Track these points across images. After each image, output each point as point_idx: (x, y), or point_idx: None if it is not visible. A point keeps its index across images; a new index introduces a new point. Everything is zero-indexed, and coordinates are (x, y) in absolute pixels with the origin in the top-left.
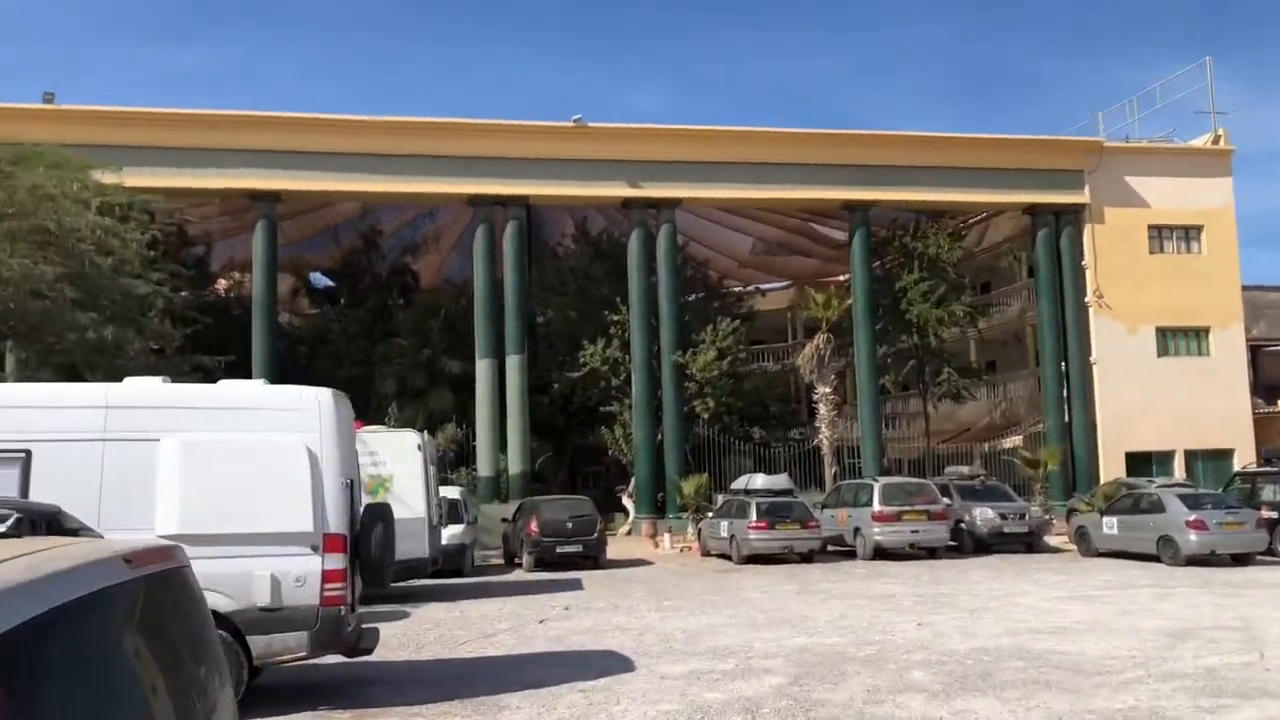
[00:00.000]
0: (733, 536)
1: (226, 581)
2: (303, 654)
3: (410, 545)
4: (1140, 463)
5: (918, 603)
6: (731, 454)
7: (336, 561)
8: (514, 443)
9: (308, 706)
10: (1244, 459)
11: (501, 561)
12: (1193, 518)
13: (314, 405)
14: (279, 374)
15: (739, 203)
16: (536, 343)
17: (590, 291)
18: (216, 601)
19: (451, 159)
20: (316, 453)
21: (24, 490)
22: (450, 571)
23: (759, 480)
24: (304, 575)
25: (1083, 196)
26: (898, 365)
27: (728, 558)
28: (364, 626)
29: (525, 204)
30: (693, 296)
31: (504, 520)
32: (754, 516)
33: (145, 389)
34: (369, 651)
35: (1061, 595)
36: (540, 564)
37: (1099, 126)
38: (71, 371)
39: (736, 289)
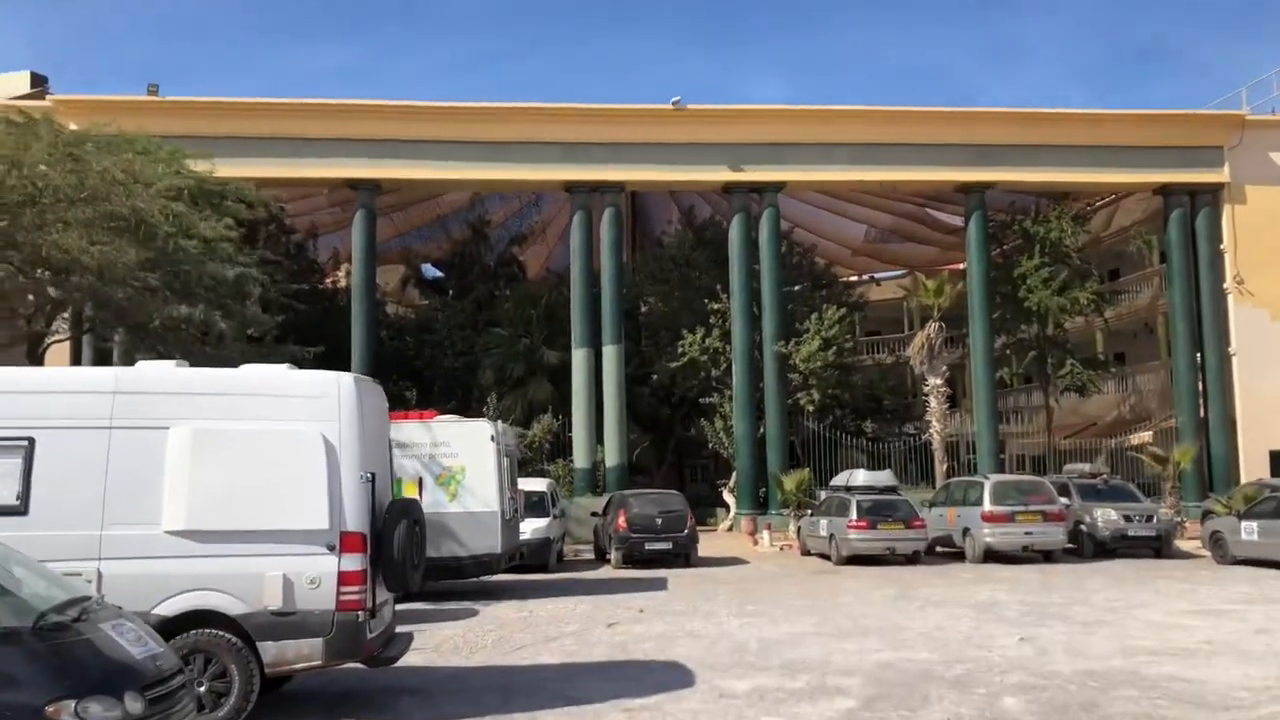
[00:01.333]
0: (832, 536)
1: (235, 582)
2: (317, 662)
3: (482, 540)
4: None
5: (1024, 613)
6: (840, 449)
7: (355, 562)
8: (611, 434)
9: (323, 715)
10: None
11: (592, 556)
12: None
13: (333, 392)
14: (378, 364)
15: (846, 185)
16: (638, 333)
17: (692, 280)
18: (225, 604)
19: (548, 145)
20: (335, 443)
21: (26, 481)
22: (535, 566)
23: (860, 476)
24: (319, 577)
25: (1222, 175)
26: (1018, 356)
27: (827, 558)
28: (397, 632)
29: (622, 189)
30: (798, 287)
31: (594, 514)
32: (854, 515)
33: (155, 372)
34: (393, 660)
35: (1188, 609)
36: (628, 560)
37: (1242, 100)
38: (167, 358)
39: (850, 278)
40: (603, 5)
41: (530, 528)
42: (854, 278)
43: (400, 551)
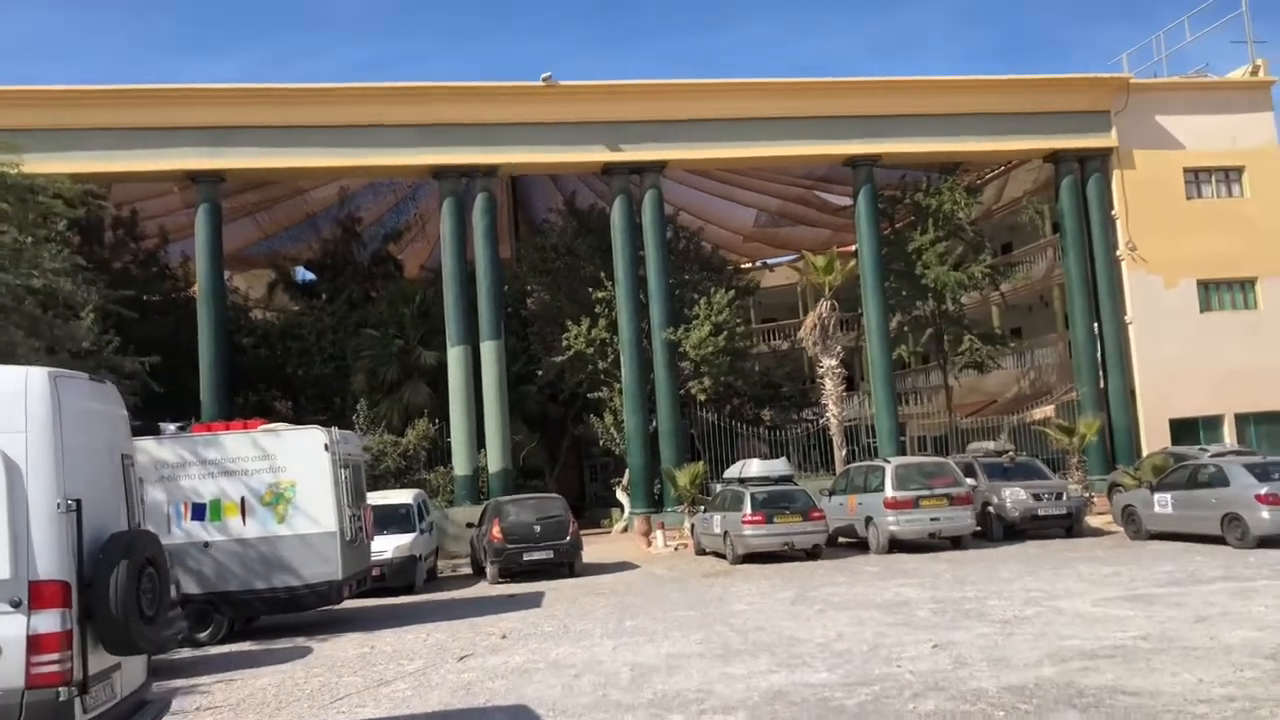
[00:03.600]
0: (726, 533)
1: None
2: None
3: (318, 567)
4: (1185, 430)
5: (936, 612)
6: (738, 439)
7: (51, 621)
8: (493, 437)
9: None
10: None
11: (471, 572)
12: (1264, 491)
13: (17, 391)
14: (238, 374)
15: (730, 163)
16: (524, 328)
17: (576, 269)
18: None
19: (411, 127)
20: (19, 461)
21: None
22: (401, 588)
23: (754, 467)
24: None
25: (1110, 140)
26: (914, 335)
27: (723, 557)
28: (148, 699)
29: (494, 173)
30: (688, 277)
31: (469, 525)
32: (748, 509)
33: None
34: None
35: (1114, 595)
36: (506, 574)
37: (1124, 65)
38: None
39: (742, 265)
40: (507, 5)
41: (392, 545)
42: (746, 264)
43: (119, 603)
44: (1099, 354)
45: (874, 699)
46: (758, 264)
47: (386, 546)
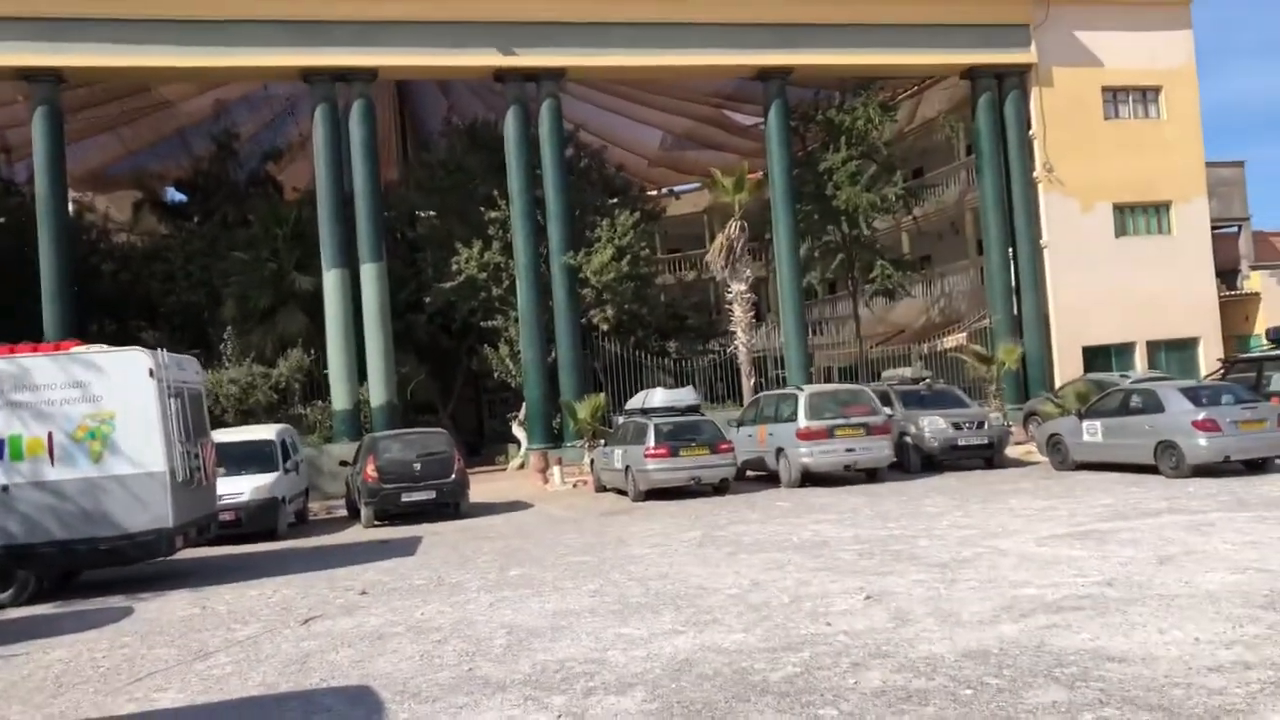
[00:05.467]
0: (628, 468)
1: None
2: None
3: (142, 513)
4: (1097, 358)
5: (862, 554)
6: (644, 371)
7: None
8: (375, 368)
9: None
10: (1210, 348)
11: (346, 514)
12: (1201, 417)
13: None
14: (84, 300)
15: (634, 73)
16: (413, 252)
17: (467, 188)
18: None
19: (278, 23)
20: None
21: None
22: (262, 534)
23: (658, 396)
24: None
25: (1029, 55)
26: (825, 261)
27: (624, 494)
28: None
29: (372, 78)
30: (589, 199)
31: (343, 463)
32: (651, 442)
33: None
34: None
35: (1059, 533)
36: (383, 517)
37: None
38: None
39: (648, 191)
40: None
41: (249, 486)
42: (652, 191)
43: None
44: (1013, 280)
45: (804, 670)
46: (664, 191)
47: (243, 488)
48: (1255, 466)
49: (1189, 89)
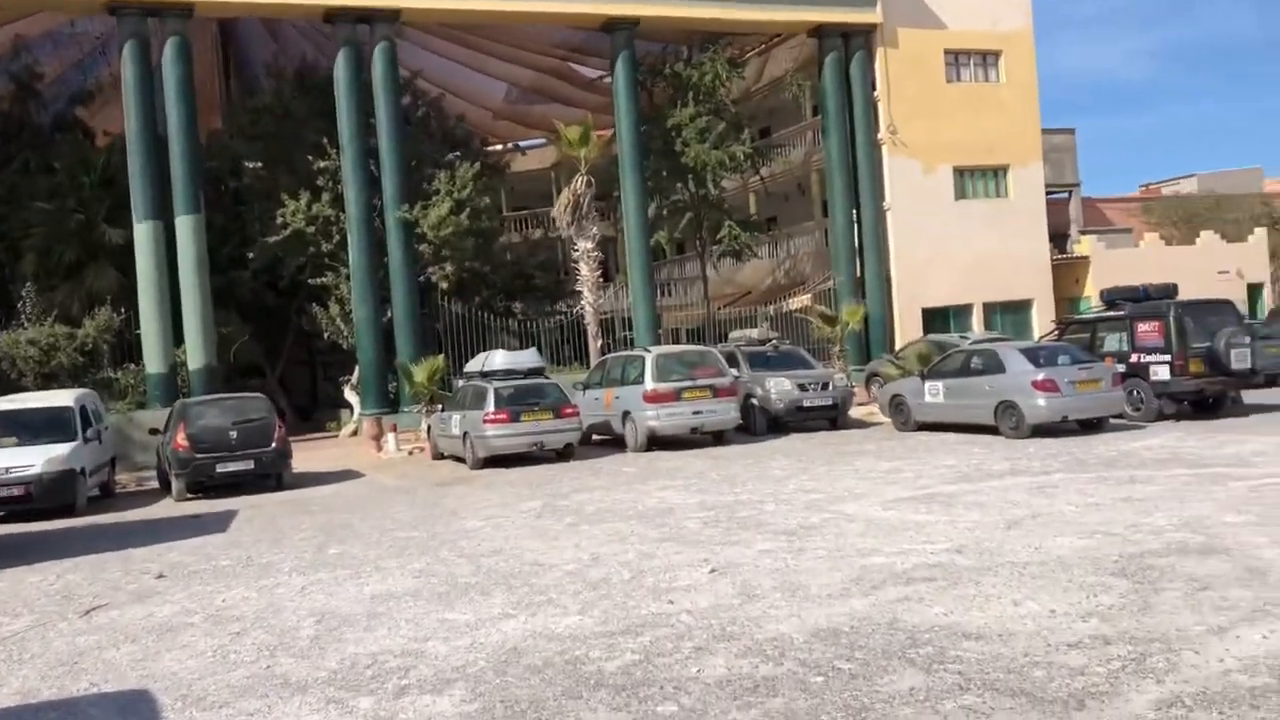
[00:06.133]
0: (465, 434)
1: None
2: None
3: None
4: (936, 319)
5: (708, 522)
6: (488, 333)
7: None
8: (193, 329)
9: None
10: (1043, 310)
11: (159, 487)
12: (1041, 377)
13: None
14: None
15: (474, 17)
16: (236, 205)
17: (295, 135)
18: None
19: None
20: None
21: None
22: (58, 509)
23: (499, 358)
24: None
25: (875, 15)
26: (673, 221)
27: (463, 461)
28: None
29: (188, 13)
30: (428, 149)
31: (154, 432)
32: (491, 406)
33: None
34: None
35: (905, 496)
36: (196, 489)
37: None
38: None
39: (493, 146)
40: None
41: (41, 458)
42: (496, 145)
43: None
44: (857, 241)
45: (643, 657)
46: (509, 146)
47: (34, 460)
48: (1090, 426)
49: (1027, 54)
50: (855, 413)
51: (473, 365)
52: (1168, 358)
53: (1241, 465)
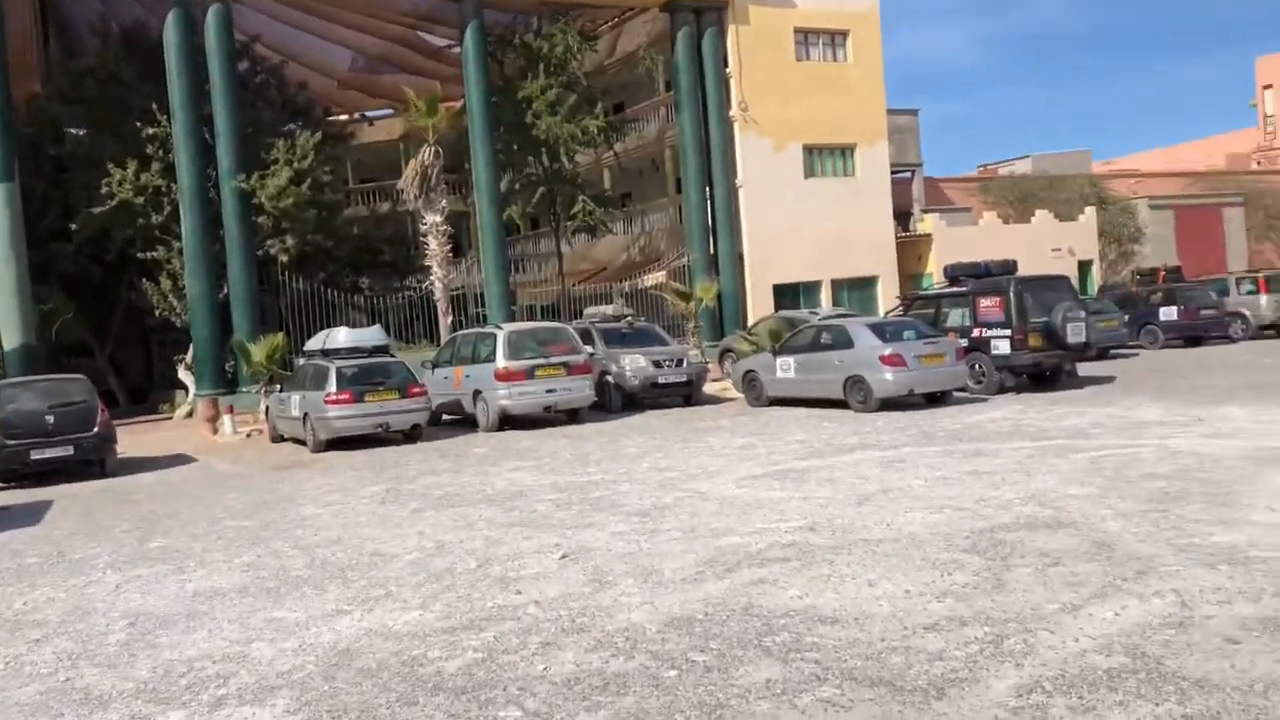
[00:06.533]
0: (305, 415)
1: None
2: None
3: None
4: (787, 295)
5: (560, 504)
6: (334, 310)
7: None
8: (9, 307)
9: None
10: (888, 286)
11: None
12: (888, 352)
13: None
14: None
15: None
16: (58, 173)
17: (123, 101)
18: None
19: None
20: None
21: None
22: None
23: (342, 336)
24: None
25: None
26: (526, 195)
27: (304, 443)
28: None
29: None
30: (266, 117)
31: None
32: (333, 386)
33: None
34: None
35: (758, 473)
36: (8, 478)
37: None
38: None
39: (338, 116)
40: None
41: None
42: (342, 115)
43: None
44: (710, 218)
45: (486, 655)
46: (356, 116)
47: None
48: (935, 399)
49: (873, 35)
50: (709, 389)
51: (314, 343)
52: (1008, 332)
53: (1081, 437)
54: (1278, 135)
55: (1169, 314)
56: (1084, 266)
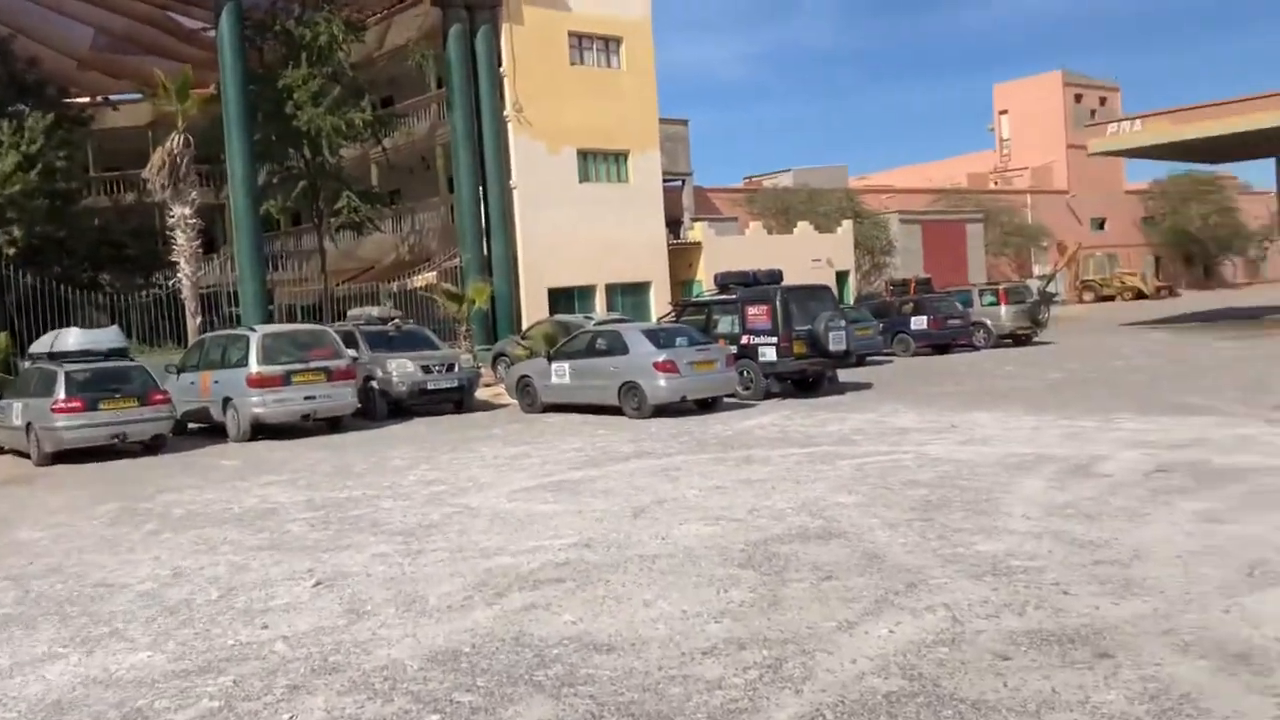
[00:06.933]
0: (30, 425)
1: None
2: None
3: None
4: (562, 299)
5: (316, 524)
6: (72, 308)
7: None
8: None
9: None
10: (660, 292)
11: None
12: (662, 358)
13: None
14: None
15: None
16: None
17: None
18: None
19: None
20: None
21: None
22: None
23: (73, 338)
24: None
25: None
26: (286, 189)
27: (28, 456)
28: None
29: None
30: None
31: None
32: (61, 393)
33: None
34: None
35: (531, 485)
36: None
37: None
38: None
39: (78, 99)
40: None
41: None
42: (82, 98)
43: None
44: (483, 219)
45: (224, 704)
46: (99, 100)
47: None
48: (706, 405)
49: (646, 43)
50: (482, 394)
51: (39, 345)
52: (774, 339)
53: (845, 444)
54: (1012, 157)
55: (919, 323)
56: (841, 277)
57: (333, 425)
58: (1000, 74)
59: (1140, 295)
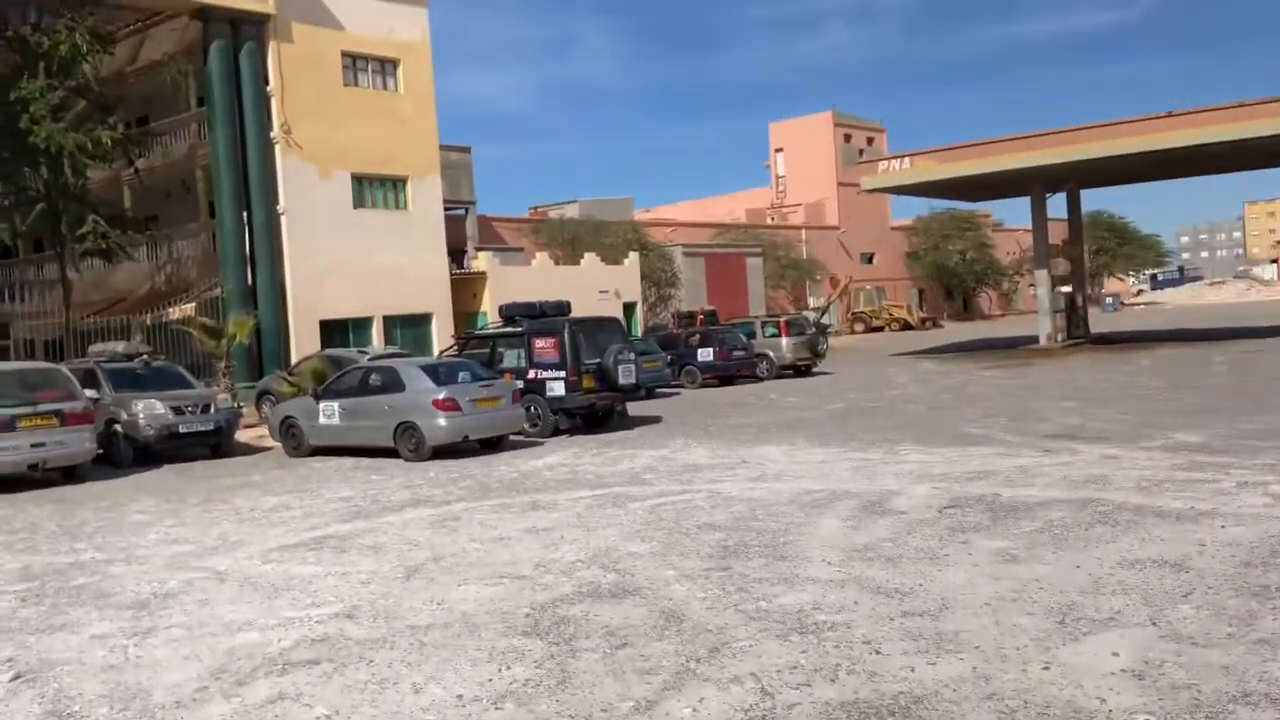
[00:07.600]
0: None
1: None
2: None
3: None
4: (335, 332)
5: (27, 598)
6: None
7: None
8: None
9: None
10: (443, 324)
11: None
12: (442, 395)
13: None
14: None
15: None
16: None
17: None
18: None
19: None
20: None
21: None
22: None
23: None
24: None
25: (266, 5)
26: (22, 212)
27: None
28: None
29: None
30: None
31: None
32: None
33: None
34: None
35: (291, 542)
36: None
37: None
38: None
39: None
40: None
41: None
42: None
43: None
44: (248, 247)
45: None
46: None
47: None
48: (491, 444)
49: (424, 67)
50: (244, 436)
51: None
52: (562, 374)
53: (636, 483)
54: (788, 194)
55: (706, 355)
56: (629, 308)
57: (68, 475)
58: (776, 113)
59: (907, 326)
